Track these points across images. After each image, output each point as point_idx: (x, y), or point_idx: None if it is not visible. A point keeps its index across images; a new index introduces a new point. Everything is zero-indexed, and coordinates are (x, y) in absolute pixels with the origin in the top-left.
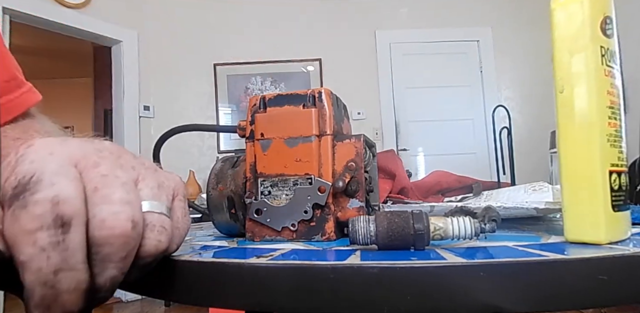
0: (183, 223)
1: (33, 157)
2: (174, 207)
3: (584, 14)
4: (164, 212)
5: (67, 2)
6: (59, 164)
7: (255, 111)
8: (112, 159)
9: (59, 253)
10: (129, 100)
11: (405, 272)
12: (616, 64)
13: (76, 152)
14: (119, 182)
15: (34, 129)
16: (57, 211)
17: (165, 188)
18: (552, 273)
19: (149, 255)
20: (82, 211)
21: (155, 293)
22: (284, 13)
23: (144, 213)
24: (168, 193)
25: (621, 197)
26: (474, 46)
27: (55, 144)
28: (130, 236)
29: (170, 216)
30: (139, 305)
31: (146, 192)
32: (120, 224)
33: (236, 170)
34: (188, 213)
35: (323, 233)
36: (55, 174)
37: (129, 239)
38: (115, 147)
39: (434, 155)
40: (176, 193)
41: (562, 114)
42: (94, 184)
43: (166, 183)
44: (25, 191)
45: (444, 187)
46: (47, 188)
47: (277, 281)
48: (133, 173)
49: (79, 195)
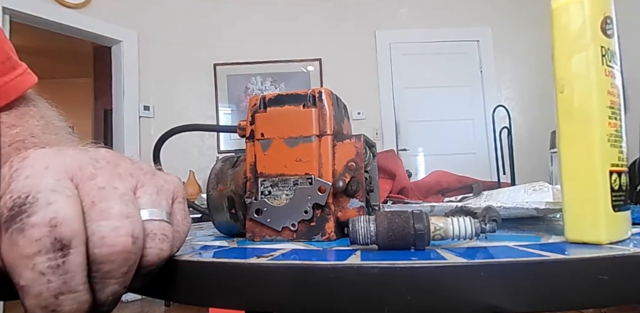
0: (183, 226)
1: (28, 172)
2: (173, 210)
3: (585, 14)
4: (164, 218)
5: (67, 2)
6: (55, 179)
7: (256, 111)
8: (109, 169)
9: (59, 276)
10: (129, 100)
11: (406, 272)
12: (616, 64)
13: (72, 164)
14: (117, 194)
15: (30, 114)
16: (56, 234)
17: (164, 192)
18: (552, 273)
19: (152, 264)
20: (81, 231)
21: (155, 293)
22: (284, 13)
23: (144, 222)
24: (168, 197)
25: (621, 197)
26: (474, 46)
27: (50, 155)
28: (131, 251)
29: (171, 220)
30: (139, 305)
31: (145, 200)
32: (121, 241)
33: (236, 170)
34: (188, 214)
35: (323, 233)
36: (52, 192)
37: (129, 255)
38: (112, 155)
39: (434, 155)
40: (176, 196)
41: (562, 114)
42: (91, 198)
43: (165, 186)
44: (21, 213)
45: (444, 187)
46: (43, 209)
47: (277, 281)
48: (131, 181)
49: (77, 213)
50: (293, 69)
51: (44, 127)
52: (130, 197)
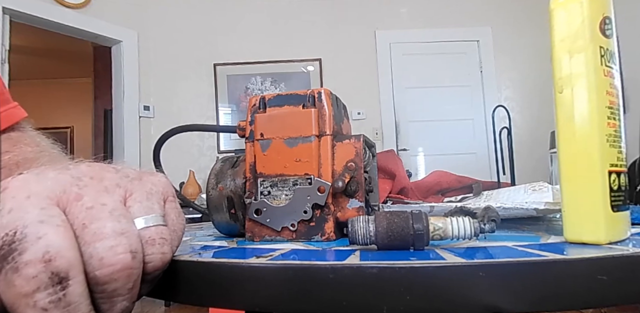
0: (179, 224)
1: (10, 204)
2: (166, 210)
3: (583, 14)
4: (160, 222)
5: (67, 2)
6: (40, 208)
7: (255, 111)
8: (94, 185)
9: (63, 309)
10: (128, 100)
11: (405, 272)
12: (615, 64)
13: (55, 188)
14: (107, 211)
15: (24, 142)
16: (52, 268)
17: (154, 195)
18: (552, 273)
19: (157, 269)
20: (77, 260)
21: (155, 293)
22: (284, 13)
23: (141, 231)
24: (159, 200)
25: (620, 197)
26: (474, 46)
27: (30, 182)
28: (132, 267)
29: (166, 221)
30: (139, 305)
31: (137, 208)
32: (120, 259)
33: (236, 170)
34: (181, 211)
35: (322, 234)
36: (39, 223)
37: (132, 271)
38: (93, 169)
39: (434, 155)
40: (166, 196)
41: (562, 114)
42: (82, 220)
43: (154, 189)
44: (12, 252)
45: (444, 187)
46: (34, 244)
47: (276, 281)
48: (119, 191)
49: (70, 242)
50: (293, 69)
51: (36, 152)
52: (121, 211)
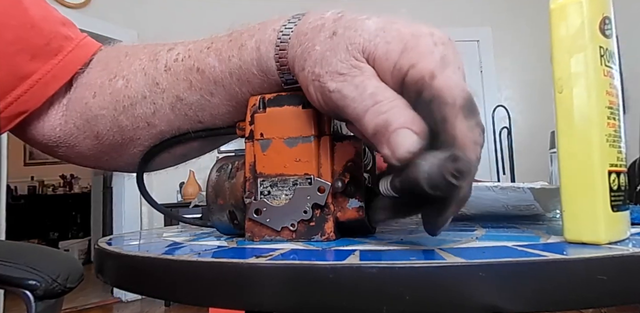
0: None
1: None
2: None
3: (583, 14)
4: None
5: (67, 2)
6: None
7: (255, 111)
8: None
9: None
10: None
11: (405, 272)
12: (615, 64)
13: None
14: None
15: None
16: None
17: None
18: (552, 273)
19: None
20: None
21: (155, 293)
22: (285, 13)
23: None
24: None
25: (620, 197)
26: (474, 46)
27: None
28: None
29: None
30: (139, 305)
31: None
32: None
33: (232, 182)
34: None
35: (322, 233)
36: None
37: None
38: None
39: None
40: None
41: (561, 114)
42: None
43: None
44: (473, 111)
45: None
46: (477, 115)
47: (276, 281)
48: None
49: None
50: None
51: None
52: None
